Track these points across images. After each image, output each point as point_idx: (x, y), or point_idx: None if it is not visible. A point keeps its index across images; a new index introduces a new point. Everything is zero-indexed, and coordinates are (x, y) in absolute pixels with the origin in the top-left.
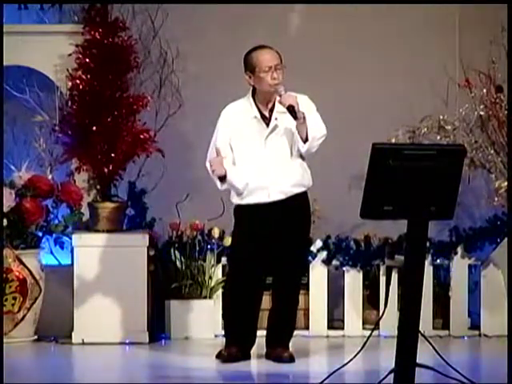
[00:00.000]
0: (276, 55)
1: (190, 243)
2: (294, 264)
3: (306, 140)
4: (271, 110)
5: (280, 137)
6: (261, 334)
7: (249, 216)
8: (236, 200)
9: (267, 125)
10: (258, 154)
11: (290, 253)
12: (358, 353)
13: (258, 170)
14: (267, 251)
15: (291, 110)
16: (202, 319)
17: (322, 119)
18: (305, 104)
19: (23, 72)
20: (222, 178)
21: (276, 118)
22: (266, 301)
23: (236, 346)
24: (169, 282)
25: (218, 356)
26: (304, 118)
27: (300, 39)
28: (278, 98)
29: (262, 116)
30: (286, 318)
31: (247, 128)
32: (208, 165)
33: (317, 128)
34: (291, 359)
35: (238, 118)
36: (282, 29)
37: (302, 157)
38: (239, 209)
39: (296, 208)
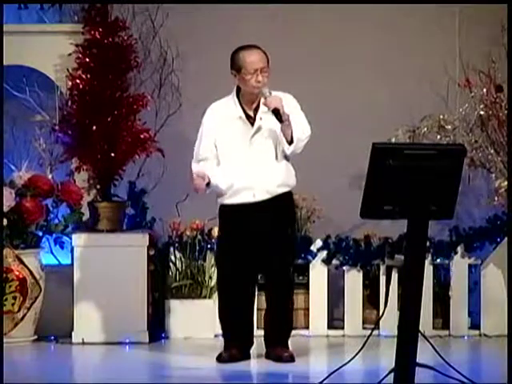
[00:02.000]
0: (263, 57)
1: (190, 243)
2: (282, 263)
3: (290, 142)
4: (256, 110)
5: (265, 137)
6: (261, 333)
7: (234, 216)
8: (221, 200)
9: (252, 125)
10: (243, 154)
11: (277, 252)
12: (357, 353)
13: (243, 170)
14: (254, 250)
15: (276, 113)
16: (202, 319)
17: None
18: (289, 103)
19: (23, 72)
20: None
21: (261, 118)
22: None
23: (236, 347)
24: (169, 281)
25: (219, 358)
26: (289, 120)
27: (300, 39)
28: (262, 100)
29: (247, 116)
30: (281, 317)
31: (232, 128)
32: (193, 169)
33: (301, 129)
34: (291, 359)
35: (222, 117)
36: (284, 29)
37: (286, 157)
38: (224, 209)
39: (281, 208)
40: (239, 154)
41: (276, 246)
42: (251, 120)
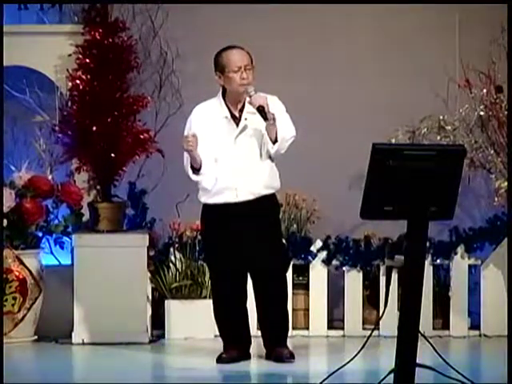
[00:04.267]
0: (246, 55)
1: (189, 243)
2: (267, 264)
3: (275, 141)
4: (241, 110)
5: (250, 137)
6: (260, 333)
7: (217, 216)
8: (204, 199)
9: (237, 125)
10: (227, 154)
11: (261, 252)
12: (358, 353)
13: (227, 170)
14: (239, 250)
15: (261, 110)
16: (202, 319)
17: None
18: (275, 105)
19: (23, 72)
20: (196, 170)
21: (246, 119)
22: None
23: (235, 348)
24: (169, 281)
25: (219, 360)
26: (274, 118)
27: (300, 39)
28: (247, 99)
29: (232, 116)
30: (275, 316)
31: (217, 128)
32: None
33: (286, 129)
34: (291, 356)
35: (208, 117)
36: (283, 29)
37: (271, 158)
38: (207, 208)
39: (264, 209)
40: (223, 154)
41: (259, 247)
42: (236, 120)
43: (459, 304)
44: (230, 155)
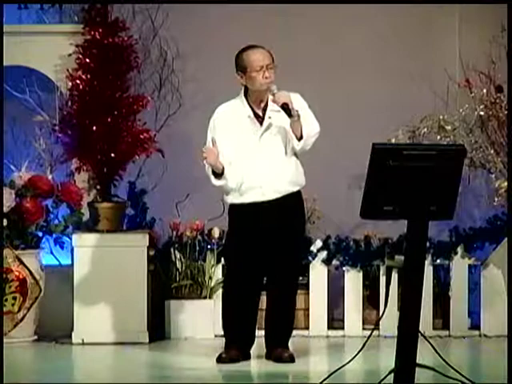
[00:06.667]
0: (267, 54)
1: (190, 243)
2: (289, 264)
3: (300, 138)
4: (264, 109)
5: (274, 135)
6: (260, 333)
7: (243, 215)
8: (230, 199)
9: (261, 124)
10: (252, 153)
11: (285, 252)
12: (358, 353)
13: (253, 169)
14: (263, 250)
15: (286, 108)
16: (202, 319)
17: (320, 120)
18: (297, 102)
19: (23, 72)
20: (219, 175)
21: (270, 117)
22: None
23: (236, 348)
24: (169, 281)
25: (219, 359)
26: (298, 115)
27: (300, 39)
28: (271, 97)
29: (256, 115)
30: (283, 317)
31: (241, 127)
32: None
33: (311, 125)
34: (291, 359)
35: (231, 117)
36: (284, 29)
37: (295, 155)
38: (233, 208)
39: (290, 207)
40: (248, 153)
41: (284, 247)
42: (260, 119)
43: (459, 304)
44: (255, 154)
